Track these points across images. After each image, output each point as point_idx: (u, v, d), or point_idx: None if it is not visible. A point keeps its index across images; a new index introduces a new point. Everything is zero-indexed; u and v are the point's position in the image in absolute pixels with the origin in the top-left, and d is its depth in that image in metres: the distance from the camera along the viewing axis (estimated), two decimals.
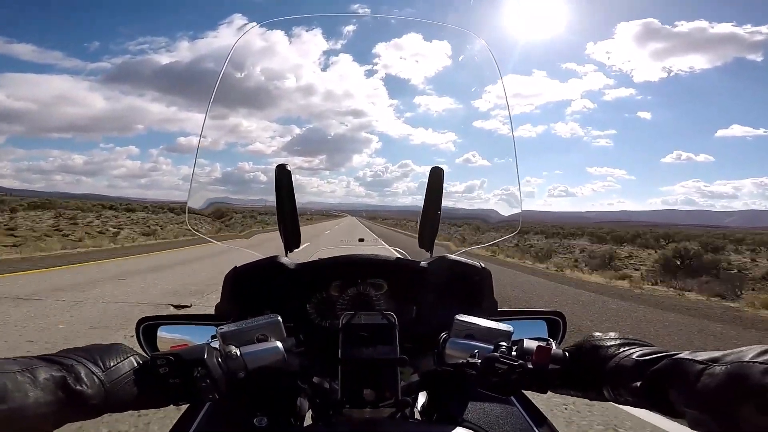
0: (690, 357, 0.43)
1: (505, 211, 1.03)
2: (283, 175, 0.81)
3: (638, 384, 0.47)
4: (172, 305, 5.36)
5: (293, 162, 0.83)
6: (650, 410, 0.47)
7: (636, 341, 0.54)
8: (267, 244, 1.01)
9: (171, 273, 8.32)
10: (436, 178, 0.86)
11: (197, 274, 8.15)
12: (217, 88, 0.89)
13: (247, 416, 0.66)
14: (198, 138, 0.89)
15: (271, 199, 0.84)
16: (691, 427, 0.41)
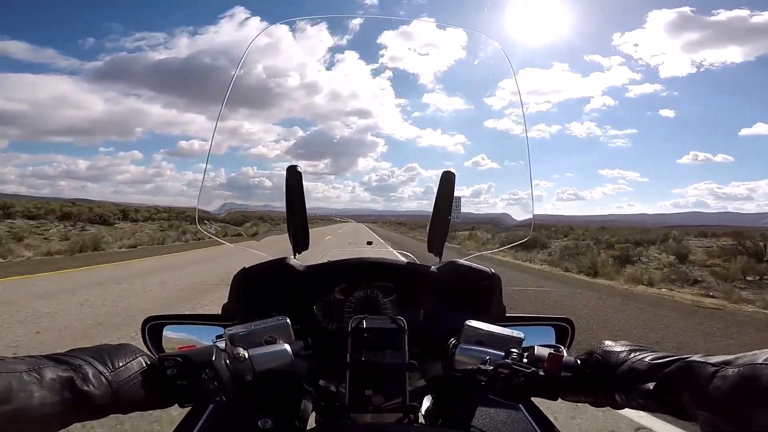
0: (702, 360, 0.43)
1: (516, 215, 1.02)
2: (293, 177, 0.81)
3: (650, 387, 0.47)
4: None
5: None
6: (662, 413, 0.47)
7: (647, 348, 0.53)
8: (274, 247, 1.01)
9: None
10: (447, 182, 0.86)
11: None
12: (229, 93, 0.90)
13: (251, 417, 0.66)
14: (209, 142, 0.90)
15: (276, 203, 0.84)
16: (703, 430, 0.41)
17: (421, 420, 0.78)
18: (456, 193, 0.87)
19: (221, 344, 0.60)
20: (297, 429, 0.69)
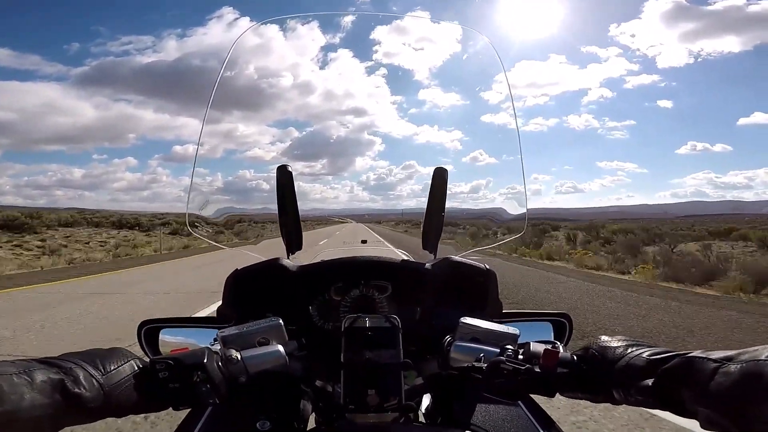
0: (703, 356, 0.42)
1: (511, 210, 1.01)
2: (284, 177, 0.81)
3: (649, 383, 0.46)
4: None
5: (294, 167, 0.83)
6: (661, 410, 0.46)
7: (644, 343, 0.53)
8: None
9: None
10: (439, 178, 0.86)
11: None
12: (214, 94, 0.88)
13: (249, 420, 0.66)
14: (196, 146, 0.89)
15: (272, 204, 0.83)
16: (704, 427, 0.40)
17: (421, 419, 0.77)
18: (454, 190, 0.87)
19: (216, 347, 0.60)
20: (296, 430, 0.68)
